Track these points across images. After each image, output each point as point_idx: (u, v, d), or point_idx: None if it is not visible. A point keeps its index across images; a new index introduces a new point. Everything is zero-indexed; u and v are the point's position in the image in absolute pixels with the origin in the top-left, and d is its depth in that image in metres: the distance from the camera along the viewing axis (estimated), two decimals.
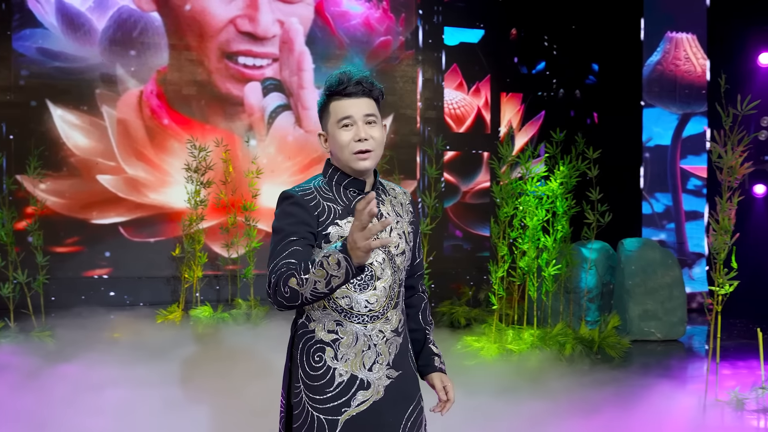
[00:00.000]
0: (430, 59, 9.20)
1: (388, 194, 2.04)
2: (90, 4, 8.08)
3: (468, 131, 9.37)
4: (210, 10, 8.41)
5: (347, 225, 1.89)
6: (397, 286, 1.97)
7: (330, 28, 8.84)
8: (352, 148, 1.89)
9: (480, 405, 4.16)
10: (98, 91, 8.12)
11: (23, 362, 5.21)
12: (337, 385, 1.88)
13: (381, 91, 1.98)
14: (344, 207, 1.92)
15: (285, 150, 8.71)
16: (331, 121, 1.92)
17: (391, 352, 1.94)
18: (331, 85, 1.92)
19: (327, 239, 1.88)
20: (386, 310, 1.94)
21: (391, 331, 1.95)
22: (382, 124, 1.98)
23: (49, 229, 7.80)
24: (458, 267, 9.16)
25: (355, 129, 1.90)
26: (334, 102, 1.92)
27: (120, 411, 4.13)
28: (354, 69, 1.94)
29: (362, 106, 1.91)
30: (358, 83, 1.91)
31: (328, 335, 1.90)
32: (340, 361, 1.89)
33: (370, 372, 1.91)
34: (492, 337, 5.98)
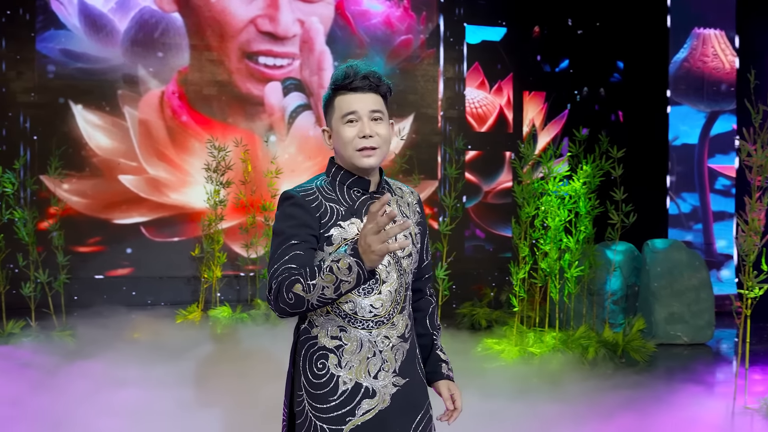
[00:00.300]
0: (452, 58, 9.10)
1: (394, 194, 1.97)
2: (112, 5, 8.12)
3: (490, 130, 9.25)
4: (231, 10, 8.42)
5: (350, 226, 1.82)
6: (404, 290, 1.89)
7: (350, 28, 8.79)
8: (356, 145, 1.82)
9: (497, 408, 4.07)
10: (120, 91, 8.16)
11: (43, 361, 5.23)
12: (341, 393, 1.81)
13: (389, 87, 1.90)
14: (347, 207, 1.84)
15: (305, 150, 8.68)
16: (335, 116, 1.84)
17: (397, 358, 1.86)
18: (337, 79, 1.84)
19: (329, 241, 1.81)
20: (392, 315, 1.86)
21: (398, 337, 1.87)
22: (388, 122, 1.90)
23: (71, 229, 7.88)
24: (480, 268, 9.05)
25: (360, 125, 1.82)
26: (339, 96, 1.84)
27: (135, 411, 4.12)
28: (361, 63, 1.86)
29: (368, 101, 1.83)
30: (364, 78, 1.83)
31: (332, 341, 1.83)
32: (344, 369, 1.81)
33: (375, 380, 1.83)
34: (513, 339, 5.87)
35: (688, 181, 8.73)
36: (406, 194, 2.00)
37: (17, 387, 4.65)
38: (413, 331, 1.95)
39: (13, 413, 4.16)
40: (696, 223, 8.74)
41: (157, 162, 8.28)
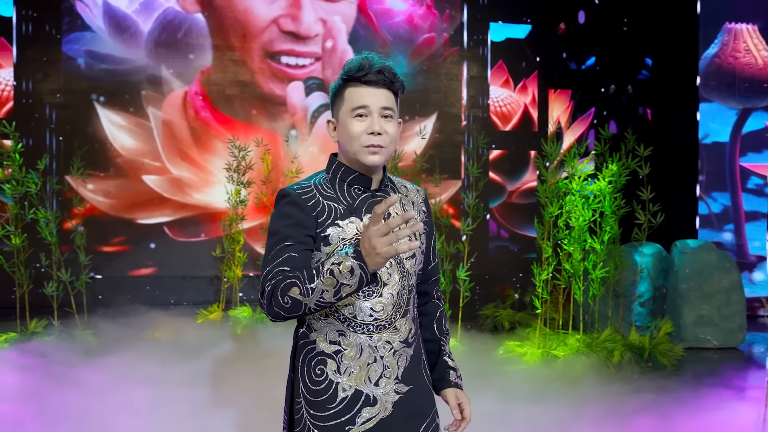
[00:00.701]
0: (475, 56, 8.99)
1: (397, 192, 1.89)
2: (136, 6, 8.18)
3: (514, 129, 9.12)
4: (253, 10, 8.42)
5: (349, 226, 1.75)
6: (407, 292, 1.80)
7: (373, 26, 8.73)
8: (363, 141, 1.74)
9: (514, 411, 3.98)
10: (144, 92, 8.22)
11: (64, 359, 5.28)
12: (341, 400, 1.73)
13: (402, 84, 1.82)
14: (347, 206, 1.77)
15: (328, 149, 8.63)
16: (344, 108, 1.76)
17: (400, 364, 1.78)
18: (350, 70, 1.76)
19: (326, 241, 1.73)
20: (394, 319, 1.77)
21: (400, 342, 1.78)
22: (398, 120, 1.82)
23: (96, 228, 7.96)
24: (504, 268, 8.92)
25: (369, 121, 1.74)
26: (350, 88, 1.76)
27: (151, 409, 4.13)
28: (377, 57, 1.78)
29: (380, 97, 1.75)
30: (379, 72, 1.75)
31: (330, 346, 1.75)
32: (343, 375, 1.73)
33: (376, 387, 1.74)
34: (535, 342, 5.75)
35: (719, 180, 8.50)
36: (411, 192, 1.92)
37: (37, 384, 4.71)
38: (418, 336, 1.86)
39: (32, 409, 4.21)
40: (727, 224, 8.50)
41: (180, 162, 8.32)
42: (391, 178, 1.91)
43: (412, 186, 1.96)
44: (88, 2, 8.06)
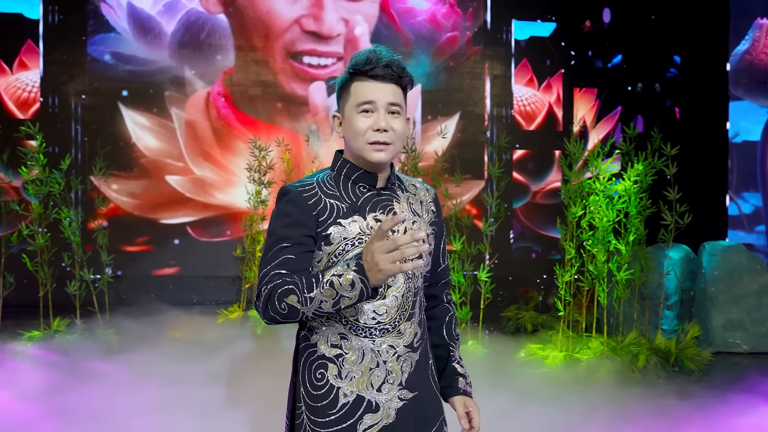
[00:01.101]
0: (499, 55, 8.89)
1: (405, 191, 1.82)
2: (160, 7, 8.23)
3: (538, 129, 8.99)
4: (275, 10, 8.42)
5: (352, 225, 1.69)
6: (412, 295, 1.74)
7: (395, 26, 8.68)
8: (368, 138, 1.68)
9: (530, 414, 3.90)
10: (167, 93, 8.26)
11: (84, 357, 5.31)
12: (342, 406, 1.67)
13: (411, 79, 1.76)
14: (350, 205, 1.70)
15: None
16: (350, 102, 1.71)
17: (404, 370, 1.71)
18: (357, 63, 1.70)
19: (327, 241, 1.68)
20: (398, 323, 1.71)
21: (405, 347, 1.71)
22: (406, 117, 1.76)
23: (120, 228, 8.03)
24: (527, 270, 8.80)
25: (375, 116, 1.68)
26: (357, 82, 1.70)
27: (167, 408, 4.14)
28: (385, 50, 1.71)
29: (388, 92, 1.69)
30: (387, 66, 1.69)
31: (331, 350, 1.69)
32: (344, 380, 1.68)
33: (379, 393, 1.68)
34: (558, 344, 5.65)
35: (750, 181, 8.28)
36: (419, 191, 1.85)
37: (58, 381, 4.75)
38: (425, 341, 1.80)
39: (51, 407, 4.24)
40: (758, 225, 8.27)
41: (203, 162, 8.35)
42: (399, 176, 1.85)
43: (422, 185, 1.89)
44: (113, 4, 8.14)
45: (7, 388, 4.62)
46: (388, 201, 1.75)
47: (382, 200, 1.75)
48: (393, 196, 1.77)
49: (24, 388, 4.65)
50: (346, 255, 1.67)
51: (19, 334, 5.70)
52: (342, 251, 1.67)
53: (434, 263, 1.89)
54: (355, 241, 1.68)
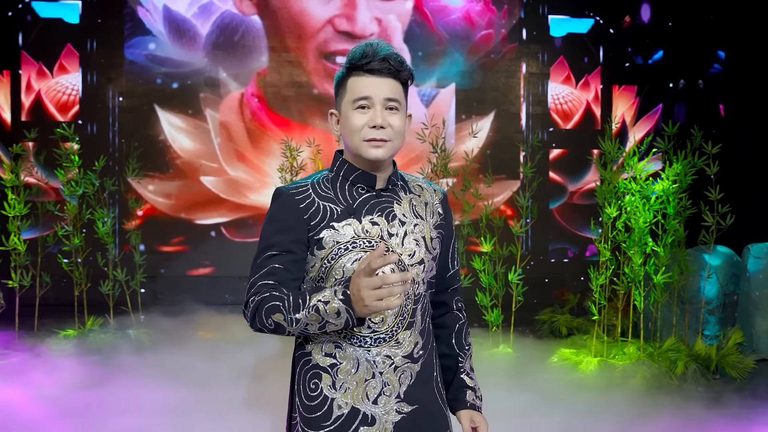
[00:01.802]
0: (535, 52, 8.72)
1: (410, 192, 1.73)
2: (195, 10, 8.31)
3: (576, 127, 8.79)
4: (308, 10, 8.42)
5: (346, 228, 1.62)
6: (411, 302, 1.65)
7: (429, 24, 8.59)
8: (364, 135, 1.61)
9: (561, 423, 3.77)
10: (202, 94, 8.34)
11: (115, 356, 5.39)
12: (336, 418, 1.60)
13: (411, 73, 1.68)
14: (345, 207, 1.63)
15: None
16: (346, 98, 1.64)
17: (402, 382, 1.63)
18: (353, 58, 1.64)
19: (320, 245, 1.61)
20: (395, 332, 1.62)
21: (403, 357, 1.63)
22: (406, 113, 1.68)
23: (157, 228, 8.13)
24: (564, 272, 8.61)
25: (371, 113, 1.61)
26: (353, 77, 1.64)
27: (190, 406, 4.19)
28: (383, 44, 1.64)
29: (385, 87, 1.62)
30: (384, 60, 1.61)
31: (326, 359, 1.62)
32: (338, 391, 1.61)
33: (375, 405, 1.61)
34: (592, 349, 5.48)
35: None
36: (425, 193, 1.76)
37: (86, 379, 4.84)
38: (430, 351, 1.70)
39: (78, 403, 4.33)
40: None
41: (237, 163, 8.40)
42: (403, 177, 1.76)
43: (429, 185, 1.80)
44: (149, 7, 8.25)
45: (38, 384, 4.72)
46: (387, 203, 1.68)
47: (381, 202, 1.67)
48: (394, 198, 1.69)
49: (55, 384, 4.75)
50: (339, 260, 1.60)
51: (54, 332, 5.80)
52: (335, 255, 1.61)
53: (441, 268, 1.80)
54: (349, 246, 1.61)
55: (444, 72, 8.61)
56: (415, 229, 1.68)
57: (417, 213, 1.71)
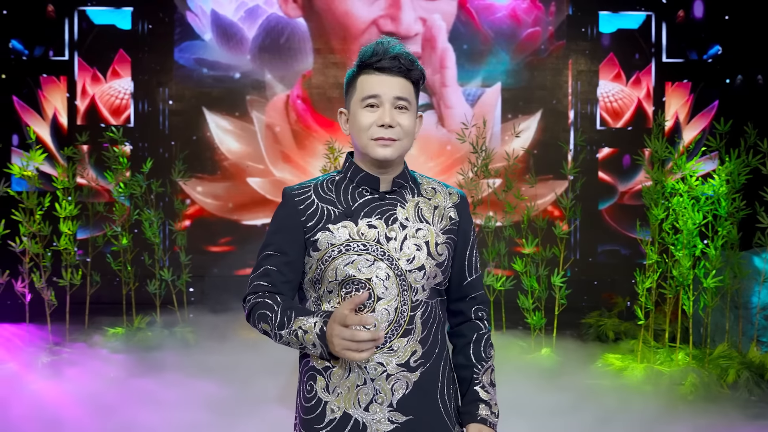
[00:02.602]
0: (584, 49, 8.51)
1: (419, 194, 1.69)
2: (241, 14, 8.44)
3: (626, 126, 8.54)
4: (353, 12, 8.44)
5: (341, 230, 1.60)
6: (409, 309, 1.60)
7: (474, 23, 8.49)
8: (372, 134, 1.59)
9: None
10: (249, 97, 8.46)
11: (160, 353, 5.52)
12: (329, 422, 1.59)
13: (422, 73, 1.65)
14: (343, 210, 1.61)
15: (427, 150, 8.50)
16: (355, 97, 1.63)
17: (395, 390, 1.58)
18: (364, 56, 1.62)
19: (315, 247, 1.60)
20: (389, 339, 1.58)
21: (397, 365, 1.58)
22: (416, 113, 1.66)
23: (205, 229, 8.29)
24: (614, 274, 8.37)
25: (380, 111, 1.59)
26: (363, 76, 1.62)
27: (229, 403, 4.25)
28: (394, 42, 1.62)
29: (395, 86, 1.60)
30: (394, 58, 1.59)
31: (321, 362, 1.62)
32: (332, 394, 1.60)
33: (366, 412, 1.58)
34: (639, 355, 5.31)
35: None
36: (438, 196, 1.71)
37: (130, 374, 4.98)
38: (435, 361, 1.64)
39: (121, 398, 4.46)
40: None
41: (283, 164, 8.49)
42: (416, 179, 1.72)
43: (445, 188, 1.74)
44: (198, 12, 8.41)
45: (85, 379, 4.89)
46: (389, 206, 1.65)
47: (383, 205, 1.65)
48: (398, 201, 1.66)
49: (100, 379, 4.91)
50: (333, 262, 1.59)
51: (103, 329, 5.97)
52: (329, 258, 1.60)
53: (457, 276, 1.73)
54: (342, 248, 1.59)
55: (489, 71, 8.50)
56: (417, 234, 1.64)
57: (422, 217, 1.67)
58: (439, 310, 1.70)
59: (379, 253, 1.59)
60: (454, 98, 8.47)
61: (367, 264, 1.58)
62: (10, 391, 4.74)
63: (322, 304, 1.62)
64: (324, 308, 1.62)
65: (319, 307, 1.63)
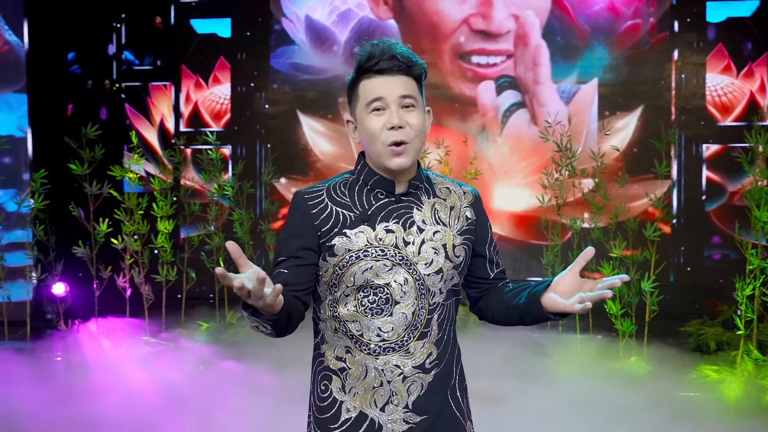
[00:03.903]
0: (689, 41, 8.01)
1: (434, 195, 1.65)
2: (334, 18, 8.60)
3: (737, 121, 7.96)
4: (444, 11, 8.39)
5: (358, 236, 1.57)
6: (426, 312, 1.58)
7: (569, 18, 8.21)
8: (385, 139, 1.56)
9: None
10: (341, 99, 8.60)
11: (247, 347, 5.73)
12: (344, 421, 1.59)
13: (423, 68, 1.61)
14: (359, 214, 1.59)
15: (519, 150, 8.31)
16: (360, 104, 1.60)
17: (411, 392, 1.57)
18: (360, 60, 1.59)
19: (332, 252, 1.58)
20: (406, 342, 1.57)
21: (413, 368, 1.57)
22: (424, 109, 1.62)
23: None
24: (722, 280, 7.82)
25: (387, 114, 1.56)
26: (363, 81, 1.60)
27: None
28: (389, 41, 1.59)
29: (398, 85, 1.57)
30: (392, 57, 1.56)
31: (336, 363, 1.62)
32: (348, 394, 1.59)
33: (382, 413, 1.57)
34: (740, 368, 4.93)
35: None
36: (453, 196, 1.67)
37: (219, 366, 5.22)
38: (447, 360, 1.63)
39: (208, 389, 4.70)
40: None
41: None
42: (430, 178, 1.68)
43: (459, 187, 1.70)
44: (293, 18, 8.66)
45: (176, 368, 5.17)
46: (406, 209, 1.62)
47: (399, 208, 1.62)
48: (414, 204, 1.63)
49: (191, 370, 5.18)
50: (350, 268, 1.57)
51: (197, 323, 6.27)
52: (346, 263, 1.57)
53: (479, 272, 1.70)
54: (360, 254, 1.57)
55: (585, 67, 8.19)
56: (435, 237, 1.61)
57: (439, 219, 1.63)
58: (453, 309, 1.68)
59: (398, 258, 1.57)
60: (547, 96, 8.22)
61: (386, 269, 1.56)
62: (109, 379, 5.10)
63: (338, 307, 1.61)
64: (340, 311, 1.60)
65: (335, 309, 1.61)
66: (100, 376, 5.13)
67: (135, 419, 4.27)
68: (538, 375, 4.78)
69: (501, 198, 8.28)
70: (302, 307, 1.58)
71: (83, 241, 5.68)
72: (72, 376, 5.19)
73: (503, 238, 8.22)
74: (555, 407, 4.20)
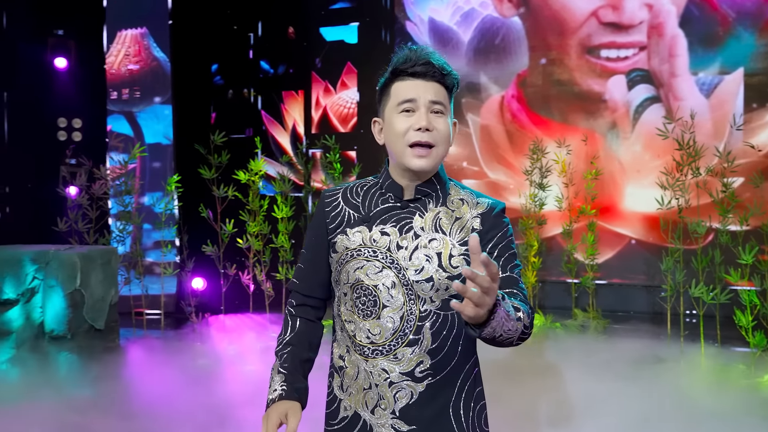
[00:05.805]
0: None
1: (443, 204, 1.63)
2: (457, 18, 8.58)
3: None
4: (571, 5, 8.08)
5: (355, 235, 1.61)
6: (416, 319, 1.56)
7: (710, 4, 7.58)
8: (409, 139, 1.58)
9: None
10: (464, 100, 8.56)
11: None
12: (341, 419, 1.65)
13: (456, 79, 1.64)
14: (363, 215, 1.63)
15: (653, 147, 7.80)
16: (390, 104, 1.63)
17: (398, 398, 1.56)
18: (397, 62, 1.64)
19: (334, 249, 1.65)
20: (393, 347, 1.56)
21: (401, 374, 1.56)
22: (451, 119, 1.63)
23: None
24: None
25: (416, 116, 1.58)
26: (397, 82, 1.63)
27: None
28: (426, 49, 1.64)
29: (430, 90, 1.59)
30: (428, 63, 1.60)
31: (338, 361, 1.68)
32: (345, 393, 1.65)
33: (372, 415, 1.59)
34: None
35: None
36: (463, 207, 1.63)
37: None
38: (450, 375, 1.59)
39: None
40: None
41: (497, 166, 8.44)
42: (447, 188, 1.65)
43: (475, 198, 1.66)
44: (417, 21, 8.74)
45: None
46: (408, 214, 1.63)
47: (401, 213, 1.63)
48: (418, 210, 1.63)
49: None
50: (346, 265, 1.62)
51: None
52: (343, 261, 1.63)
53: None
54: (354, 253, 1.61)
55: (729, 56, 7.52)
56: (430, 245, 1.59)
57: (439, 227, 1.61)
58: (460, 322, 1.60)
59: (388, 261, 1.58)
60: (685, 89, 7.65)
61: (376, 270, 1.59)
62: (231, 370, 5.45)
63: (341, 305, 1.67)
64: (342, 310, 1.66)
65: (338, 308, 1.68)
66: (228, 365, 5.50)
67: (261, 406, 4.52)
68: (655, 390, 4.45)
69: (634, 198, 7.82)
70: (314, 348, 1.73)
71: (211, 241, 6.12)
72: (203, 364, 5.61)
73: (638, 241, 7.77)
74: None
